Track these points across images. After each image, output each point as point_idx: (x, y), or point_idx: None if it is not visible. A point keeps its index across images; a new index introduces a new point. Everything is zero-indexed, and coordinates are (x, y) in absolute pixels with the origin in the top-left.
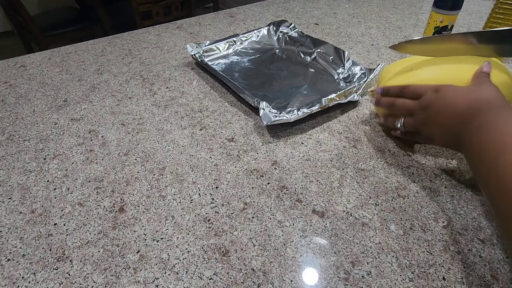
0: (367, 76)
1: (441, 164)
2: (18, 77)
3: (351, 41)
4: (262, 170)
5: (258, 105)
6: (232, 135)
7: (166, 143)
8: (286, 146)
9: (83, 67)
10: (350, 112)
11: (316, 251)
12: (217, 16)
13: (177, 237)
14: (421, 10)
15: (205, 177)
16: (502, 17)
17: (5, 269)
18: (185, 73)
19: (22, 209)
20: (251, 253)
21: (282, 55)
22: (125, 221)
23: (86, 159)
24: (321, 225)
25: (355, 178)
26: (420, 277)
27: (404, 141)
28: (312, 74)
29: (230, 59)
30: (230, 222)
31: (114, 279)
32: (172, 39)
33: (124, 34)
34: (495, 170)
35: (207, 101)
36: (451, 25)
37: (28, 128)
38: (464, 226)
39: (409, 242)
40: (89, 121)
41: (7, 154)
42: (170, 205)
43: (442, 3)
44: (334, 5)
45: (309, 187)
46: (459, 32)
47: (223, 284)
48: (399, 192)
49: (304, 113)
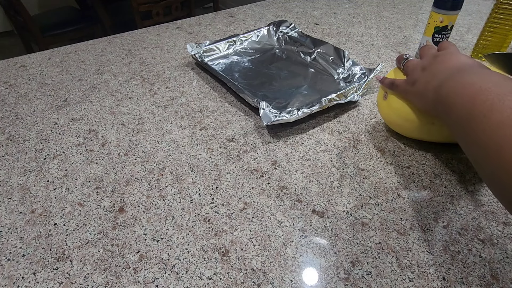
0: (367, 76)
1: (441, 164)
2: (18, 77)
3: (351, 41)
4: (262, 170)
5: (258, 105)
6: (232, 135)
7: (166, 143)
8: (286, 146)
9: (83, 67)
10: (350, 112)
11: (316, 251)
12: (217, 16)
13: (177, 237)
14: (421, 10)
15: (205, 177)
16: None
17: (5, 269)
18: (185, 73)
19: (22, 209)
20: (251, 253)
21: (282, 55)
22: (125, 221)
23: (86, 159)
24: (321, 225)
25: (355, 178)
26: (420, 277)
27: (404, 141)
28: (312, 74)
29: (230, 59)
30: (230, 222)
31: (114, 279)
32: (172, 39)
33: (124, 34)
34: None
35: (207, 101)
36: (451, 25)
37: (28, 128)
38: (464, 226)
39: (409, 242)
40: (89, 121)
41: (7, 154)
42: (170, 205)
43: (442, 3)
44: (334, 5)
45: (309, 187)
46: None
47: (223, 284)
48: (399, 192)
49: (304, 113)
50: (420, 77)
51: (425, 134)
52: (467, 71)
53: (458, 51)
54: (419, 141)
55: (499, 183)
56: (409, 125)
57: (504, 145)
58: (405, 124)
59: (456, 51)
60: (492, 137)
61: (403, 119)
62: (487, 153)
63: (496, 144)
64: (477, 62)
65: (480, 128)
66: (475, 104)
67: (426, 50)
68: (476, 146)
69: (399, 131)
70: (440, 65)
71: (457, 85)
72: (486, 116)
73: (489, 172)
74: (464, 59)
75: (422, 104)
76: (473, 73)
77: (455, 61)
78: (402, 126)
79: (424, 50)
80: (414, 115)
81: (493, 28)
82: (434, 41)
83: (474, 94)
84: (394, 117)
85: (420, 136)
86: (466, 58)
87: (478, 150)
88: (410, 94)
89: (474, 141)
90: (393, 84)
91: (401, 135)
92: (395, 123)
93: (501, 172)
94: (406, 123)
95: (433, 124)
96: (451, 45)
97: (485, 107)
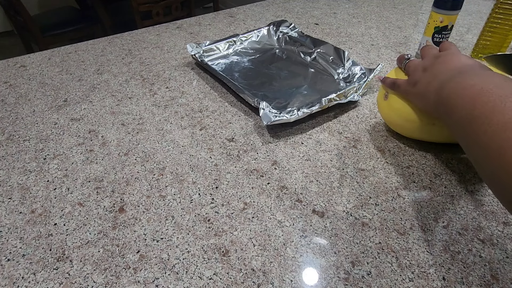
0: (367, 76)
1: (441, 164)
2: (18, 77)
3: (351, 41)
4: (262, 170)
5: (258, 105)
6: (232, 135)
7: (166, 143)
8: (286, 146)
9: (83, 67)
10: (350, 112)
11: (316, 251)
12: (217, 16)
13: (177, 237)
14: (421, 10)
15: (205, 177)
16: (502, 17)
17: (5, 269)
18: (185, 73)
19: (22, 209)
20: (251, 253)
21: (282, 55)
22: (125, 221)
23: (86, 159)
24: (321, 225)
25: (355, 178)
26: (420, 277)
27: (404, 141)
28: (312, 74)
29: (230, 59)
30: (230, 222)
31: (114, 279)
32: (172, 39)
33: (124, 34)
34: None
35: (207, 101)
36: (451, 25)
37: (28, 128)
38: (464, 226)
39: (409, 242)
40: (89, 121)
41: (7, 154)
42: (170, 205)
43: (442, 3)
44: (334, 5)
45: (309, 187)
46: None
47: (223, 284)
48: (399, 192)
49: (304, 113)
50: (422, 78)
51: (425, 135)
52: (468, 72)
53: (459, 52)
54: (419, 141)
55: (500, 184)
56: (409, 126)
57: (506, 146)
58: (405, 125)
59: (457, 51)
60: (493, 138)
61: (404, 120)
62: (488, 154)
63: (498, 145)
64: (478, 63)
65: (482, 130)
66: (476, 105)
67: (427, 50)
68: (477, 147)
69: (400, 131)
70: (441, 66)
71: (458, 86)
72: (487, 118)
73: (489, 172)
74: (465, 59)
75: (423, 105)
76: (474, 74)
77: (456, 62)
78: (402, 127)
79: (425, 50)
80: (415, 115)
81: (493, 28)
82: (434, 41)
83: (475, 95)
84: (395, 117)
85: (421, 136)
86: (467, 58)
87: (479, 151)
88: (411, 95)
89: (475, 142)
90: (395, 84)
91: (401, 135)
92: (395, 123)
93: (501, 172)
94: (406, 124)
95: (434, 124)
96: (452, 45)
97: (486, 109)
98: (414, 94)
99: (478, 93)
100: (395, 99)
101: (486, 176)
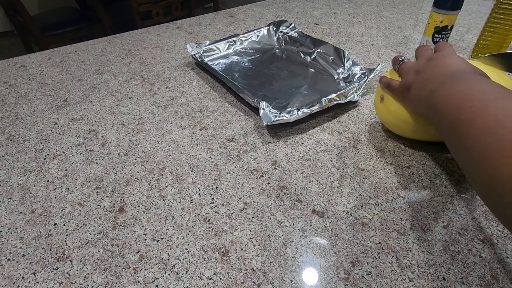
0: (367, 76)
1: (441, 164)
2: (18, 77)
3: (351, 41)
4: (262, 170)
5: (258, 105)
6: (232, 135)
7: (166, 143)
8: (286, 146)
9: (83, 67)
10: (350, 112)
11: (316, 251)
12: (217, 16)
13: (177, 237)
14: (421, 10)
15: (205, 177)
16: (502, 17)
17: (5, 269)
18: (185, 73)
19: (22, 209)
20: (251, 253)
21: (282, 55)
22: (125, 221)
23: (86, 159)
24: (321, 225)
25: (355, 178)
26: (420, 277)
27: (404, 141)
28: (312, 74)
29: (230, 59)
30: (230, 222)
31: (114, 279)
32: (172, 39)
33: (124, 34)
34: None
35: (207, 101)
36: (451, 25)
37: (28, 128)
38: (464, 226)
39: (409, 242)
40: (89, 121)
41: (7, 154)
42: (170, 205)
43: (442, 3)
44: (334, 5)
45: (309, 187)
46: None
47: (223, 284)
48: (399, 192)
49: (304, 113)
50: (414, 82)
51: (423, 135)
52: (456, 78)
53: (453, 53)
54: (419, 141)
55: (484, 188)
56: (406, 127)
57: (487, 150)
58: (402, 126)
59: (451, 53)
60: (476, 142)
61: (401, 121)
62: (472, 158)
63: (480, 149)
64: (470, 67)
65: (465, 134)
66: (461, 111)
67: (422, 51)
68: (464, 152)
69: (398, 132)
70: (433, 70)
71: (445, 93)
72: (471, 122)
73: (475, 177)
74: (457, 64)
75: (417, 110)
76: (462, 80)
77: (448, 67)
78: (400, 128)
79: (419, 51)
80: (411, 117)
81: (493, 28)
82: (434, 41)
83: (460, 100)
84: (392, 119)
85: (419, 136)
86: (460, 62)
87: (465, 155)
88: (405, 100)
89: (462, 146)
90: (390, 86)
91: (401, 135)
92: (393, 124)
93: (485, 177)
94: (403, 125)
95: (430, 125)
96: (448, 46)
97: (470, 114)
98: (408, 99)
99: (463, 98)
100: (391, 102)
101: (473, 181)
